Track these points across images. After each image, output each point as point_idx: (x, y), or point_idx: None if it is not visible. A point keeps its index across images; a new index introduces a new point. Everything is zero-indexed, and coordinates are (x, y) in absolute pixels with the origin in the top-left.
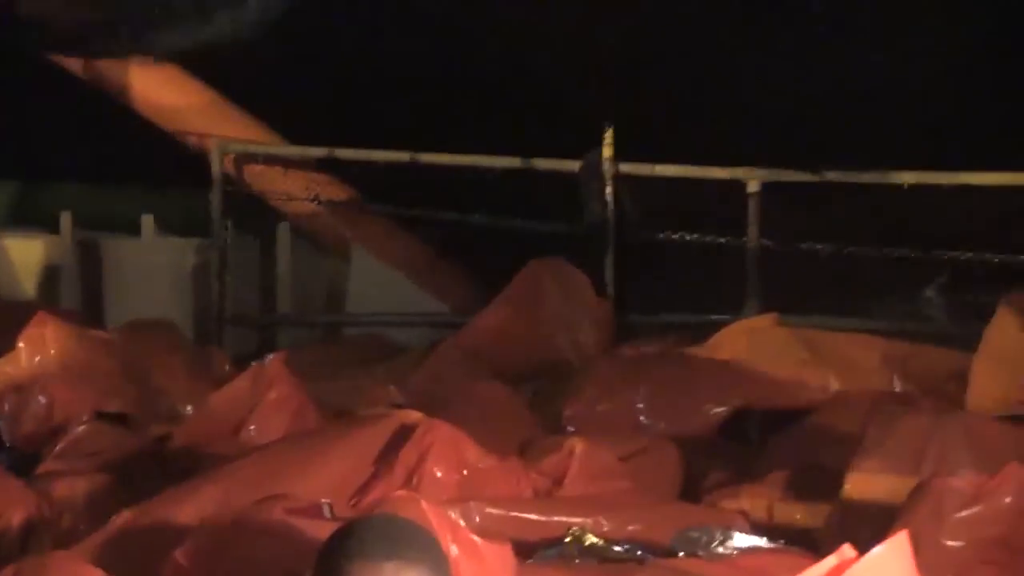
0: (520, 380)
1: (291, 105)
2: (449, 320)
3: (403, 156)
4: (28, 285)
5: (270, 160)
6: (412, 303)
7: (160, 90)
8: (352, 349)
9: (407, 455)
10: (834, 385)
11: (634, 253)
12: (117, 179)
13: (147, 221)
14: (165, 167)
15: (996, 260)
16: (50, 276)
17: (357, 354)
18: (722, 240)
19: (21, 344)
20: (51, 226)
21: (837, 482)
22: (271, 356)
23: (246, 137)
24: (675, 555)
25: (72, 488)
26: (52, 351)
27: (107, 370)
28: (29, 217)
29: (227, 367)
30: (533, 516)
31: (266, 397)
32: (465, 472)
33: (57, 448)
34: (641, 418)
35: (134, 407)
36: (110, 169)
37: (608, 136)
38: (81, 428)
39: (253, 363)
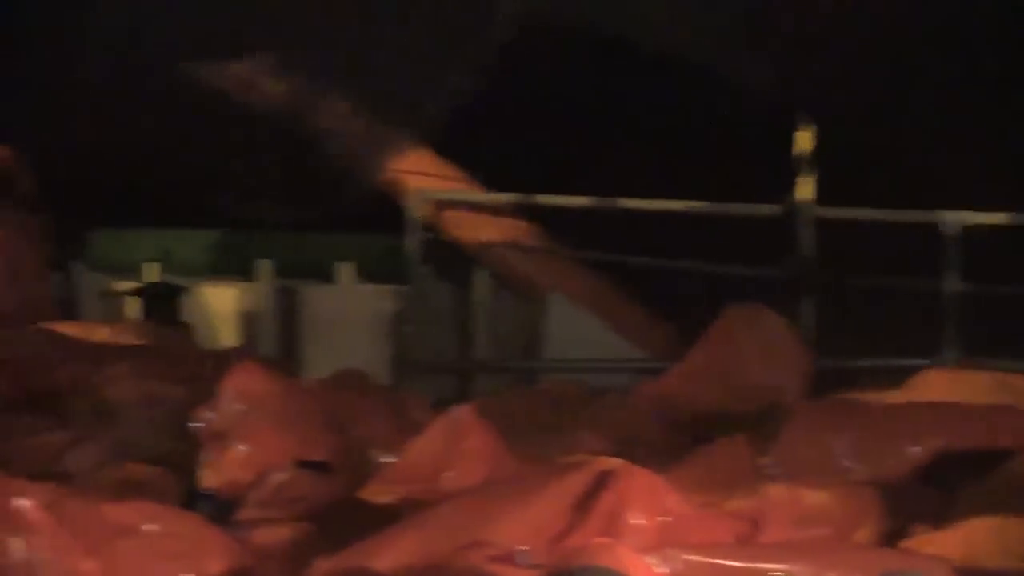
0: (716, 427)
1: (488, 152)
2: (646, 365)
3: (600, 201)
4: (227, 332)
5: (468, 206)
6: (609, 348)
7: None
8: (549, 395)
9: (605, 502)
10: None
11: (829, 297)
12: (316, 226)
13: (345, 268)
14: (363, 214)
15: None
16: (249, 323)
17: (554, 400)
18: (918, 284)
19: (223, 391)
20: (250, 274)
21: None
22: (467, 404)
23: (443, 183)
24: None
25: (272, 536)
26: (253, 398)
27: (307, 418)
28: (229, 265)
29: (425, 414)
30: (733, 563)
31: (463, 445)
32: (664, 518)
33: (257, 495)
34: (840, 463)
35: (334, 455)
36: (308, 217)
37: (808, 180)
38: (281, 476)
39: (449, 410)
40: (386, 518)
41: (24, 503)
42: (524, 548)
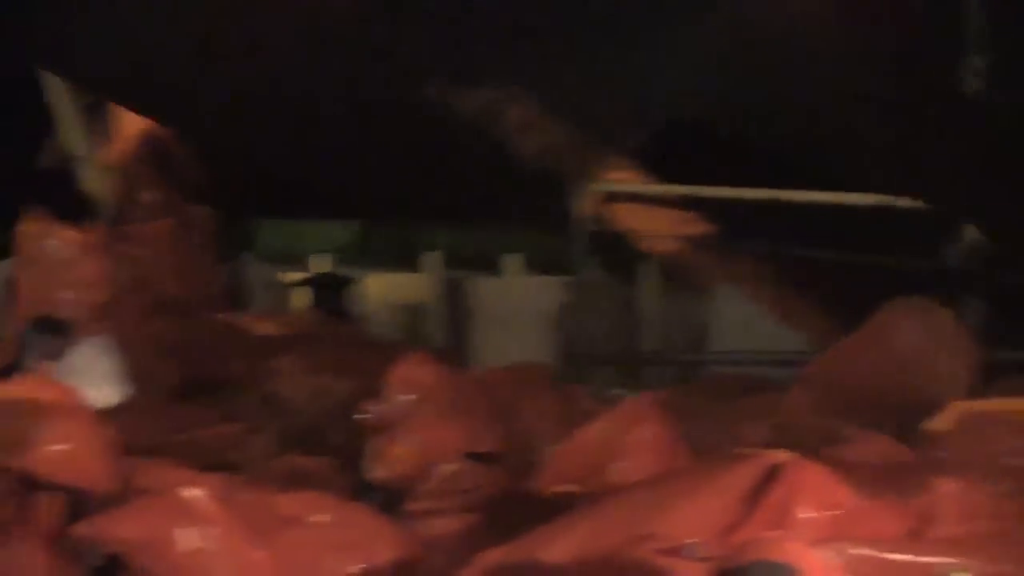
0: (876, 421)
1: (656, 142)
2: (812, 358)
3: (767, 193)
4: (395, 323)
5: (635, 198)
6: (776, 340)
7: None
8: (716, 387)
9: (775, 495)
10: None
11: (993, 289)
12: (483, 218)
13: (512, 260)
14: (531, 206)
15: None
16: (417, 314)
17: (722, 392)
18: None
19: (391, 382)
20: (418, 265)
21: None
22: (639, 395)
23: (611, 175)
24: None
25: (440, 527)
26: (421, 390)
27: (475, 409)
28: (399, 257)
29: (592, 406)
30: (904, 557)
31: (633, 436)
32: (834, 512)
33: (425, 486)
34: (1006, 459)
35: (500, 446)
36: (476, 209)
37: None
38: (449, 467)
39: (621, 401)
40: (553, 509)
41: (196, 494)
42: (693, 541)
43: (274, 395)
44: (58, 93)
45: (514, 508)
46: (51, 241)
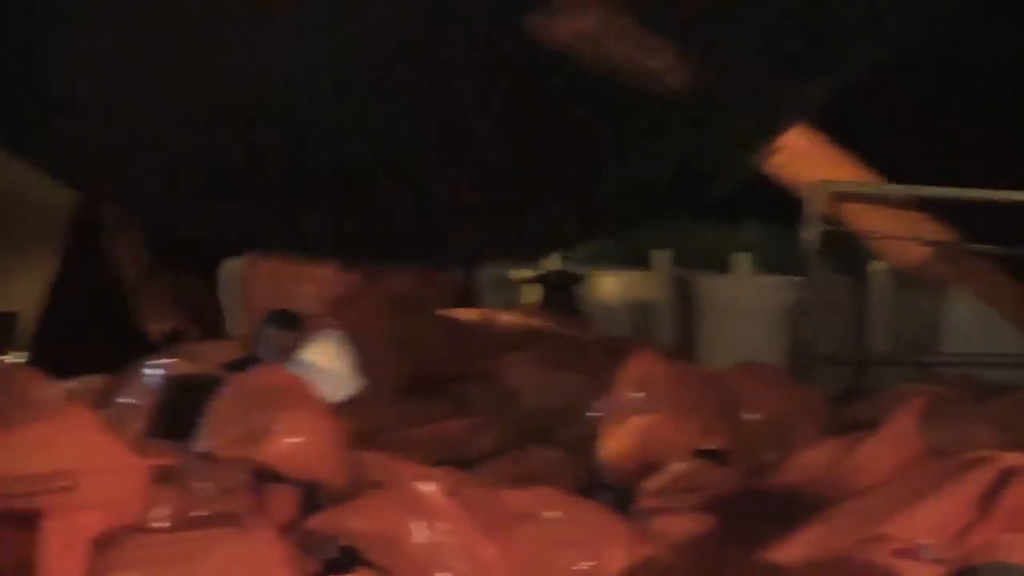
0: None
1: (888, 143)
2: None
3: (999, 195)
4: (624, 321)
5: (867, 198)
6: (1007, 343)
7: None
8: (947, 388)
9: (1010, 498)
10: None
11: None
12: (712, 217)
13: (741, 259)
14: (759, 205)
15: None
16: (645, 312)
17: (954, 394)
18: None
19: (622, 379)
20: (647, 263)
21: None
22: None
23: (842, 175)
24: None
25: (671, 525)
26: (651, 386)
27: (705, 406)
28: (626, 255)
29: (820, 406)
30: None
31: (868, 439)
32: None
33: (656, 484)
34: None
35: (731, 444)
36: (705, 207)
37: None
38: (680, 465)
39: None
40: (786, 509)
41: (428, 488)
42: (928, 543)
43: (505, 391)
44: None
45: (744, 507)
46: None
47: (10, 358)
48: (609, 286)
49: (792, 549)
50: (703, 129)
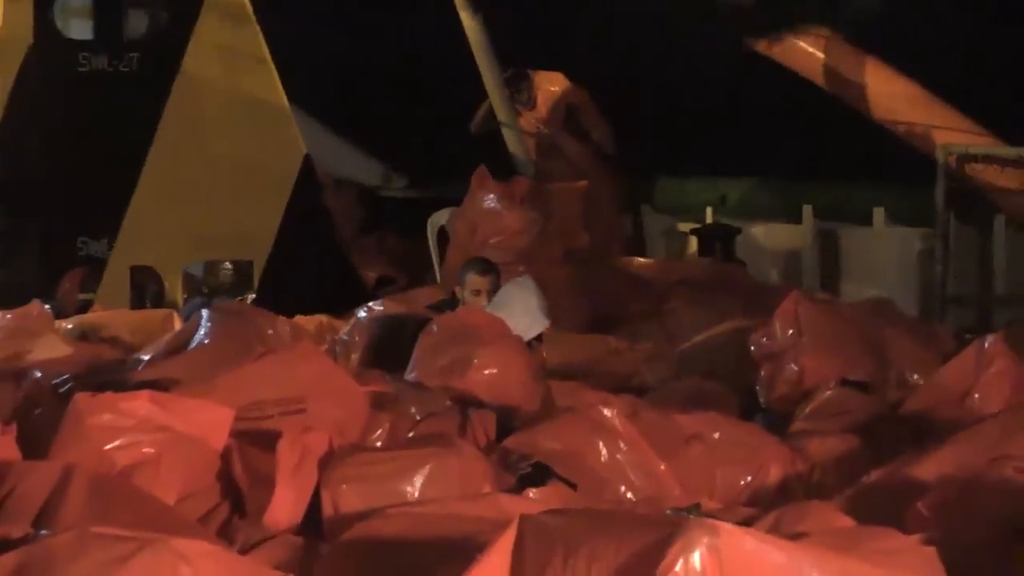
0: None
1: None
2: None
3: None
4: (775, 269)
5: (990, 159)
6: None
7: (869, 80)
8: None
9: None
10: None
11: None
12: (852, 175)
13: (878, 213)
14: (894, 164)
15: None
16: (793, 261)
17: None
18: None
19: (775, 318)
20: (796, 217)
21: None
22: (994, 334)
23: (969, 138)
24: None
25: (822, 446)
26: (802, 325)
27: (850, 342)
28: (778, 209)
29: (950, 343)
30: None
31: (989, 370)
32: None
33: (808, 410)
34: None
35: (872, 375)
36: (846, 166)
37: None
38: (828, 393)
39: (975, 339)
40: (920, 433)
41: (609, 412)
42: None
43: (673, 328)
44: (487, 68)
45: (885, 431)
46: (484, 193)
47: (248, 299)
48: (762, 237)
49: (928, 466)
50: None
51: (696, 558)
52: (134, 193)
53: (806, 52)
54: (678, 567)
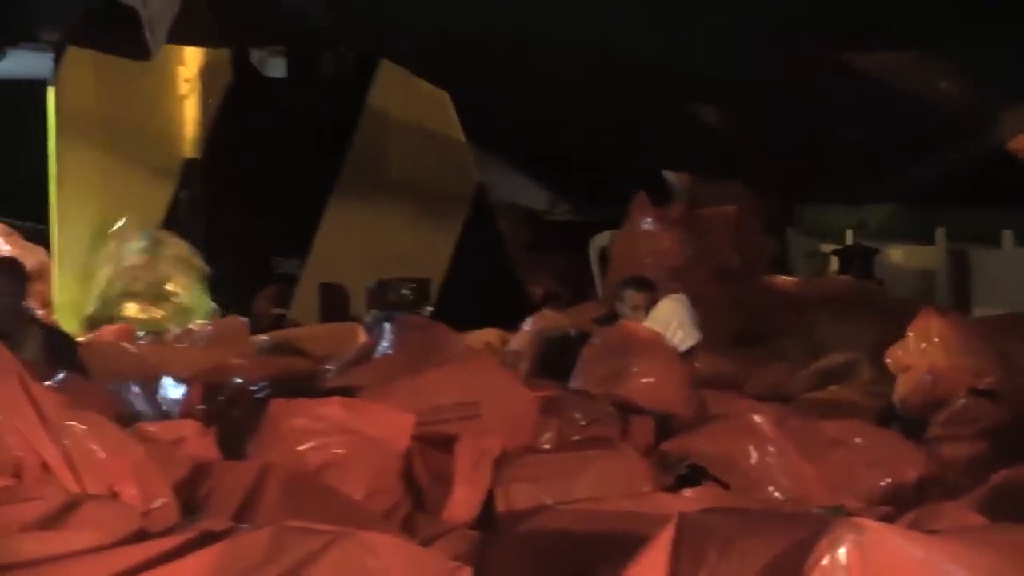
0: None
1: None
2: None
3: None
4: (909, 287)
5: None
6: None
7: None
8: None
9: None
10: None
11: None
12: (982, 200)
13: (1007, 235)
14: (1022, 189)
15: None
16: (926, 280)
17: None
18: None
19: (911, 333)
20: (930, 239)
21: None
22: None
23: None
24: None
25: (955, 451)
26: (936, 338)
27: (978, 354)
28: (913, 232)
29: None
30: None
31: None
32: None
33: (941, 417)
34: None
35: (1000, 384)
36: (977, 192)
37: None
38: (960, 401)
39: None
40: None
41: (759, 419)
42: None
43: (815, 341)
44: None
45: (1014, 436)
46: (642, 217)
47: (426, 313)
48: (898, 257)
49: None
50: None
51: (842, 553)
52: (323, 217)
53: None
54: (825, 562)
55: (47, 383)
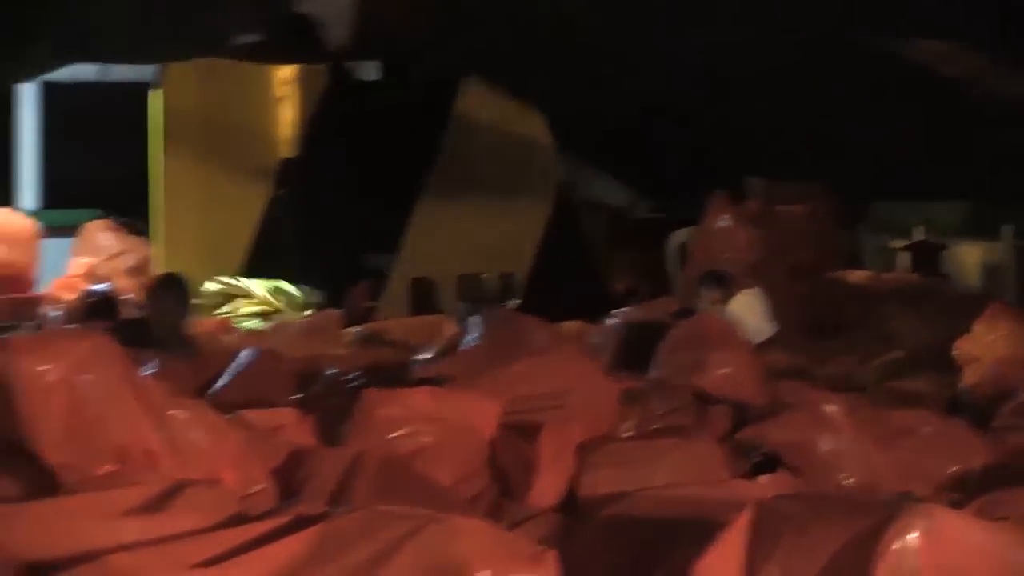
0: None
1: None
2: None
3: None
4: (977, 282)
5: None
6: None
7: None
8: None
9: None
10: None
11: None
12: None
13: None
14: None
15: None
16: (992, 275)
17: None
18: None
19: (978, 327)
20: (996, 236)
21: None
22: None
23: None
24: None
25: (1021, 440)
26: (1002, 331)
27: None
28: (981, 229)
29: None
30: None
31: None
32: None
33: (1007, 407)
34: None
35: None
36: None
37: None
38: None
39: None
40: None
41: (831, 409)
42: None
43: (885, 335)
44: None
45: None
46: (719, 214)
47: (512, 306)
48: (965, 254)
49: None
50: None
51: (912, 539)
52: (413, 214)
53: None
54: (896, 546)
55: (151, 370)
